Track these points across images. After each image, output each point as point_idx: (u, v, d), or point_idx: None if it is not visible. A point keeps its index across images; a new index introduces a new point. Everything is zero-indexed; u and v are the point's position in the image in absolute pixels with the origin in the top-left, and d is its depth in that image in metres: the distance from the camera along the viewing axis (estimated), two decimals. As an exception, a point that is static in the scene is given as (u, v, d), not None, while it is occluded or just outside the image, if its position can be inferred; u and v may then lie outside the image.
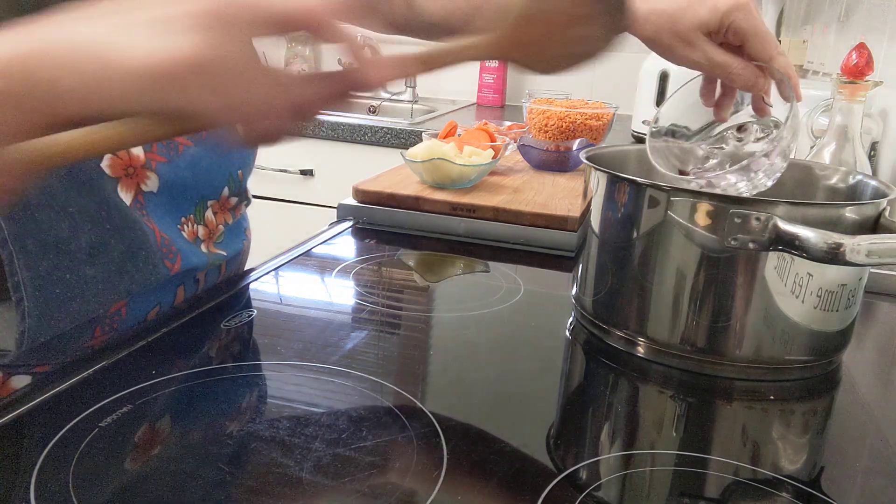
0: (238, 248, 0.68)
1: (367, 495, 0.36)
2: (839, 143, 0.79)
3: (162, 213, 0.57)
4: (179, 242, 0.58)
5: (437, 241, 0.80)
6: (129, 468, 0.37)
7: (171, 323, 0.54)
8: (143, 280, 0.54)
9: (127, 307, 0.55)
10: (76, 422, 0.40)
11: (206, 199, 0.63)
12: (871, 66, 0.78)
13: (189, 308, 0.56)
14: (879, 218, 0.49)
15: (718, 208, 0.47)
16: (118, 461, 0.37)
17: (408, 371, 0.50)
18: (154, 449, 0.39)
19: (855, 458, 0.43)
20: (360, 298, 0.62)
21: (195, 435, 0.41)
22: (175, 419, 0.42)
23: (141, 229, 0.54)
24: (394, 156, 1.54)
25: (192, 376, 0.46)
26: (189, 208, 0.61)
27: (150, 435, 0.40)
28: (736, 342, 0.50)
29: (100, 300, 0.52)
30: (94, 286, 0.51)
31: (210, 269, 0.64)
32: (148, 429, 0.41)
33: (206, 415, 0.43)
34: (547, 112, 1.22)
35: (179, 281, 0.60)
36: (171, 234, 0.58)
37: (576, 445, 0.43)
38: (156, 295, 0.58)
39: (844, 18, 1.44)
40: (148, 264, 0.54)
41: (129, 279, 0.53)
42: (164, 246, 0.56)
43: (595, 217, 0.55)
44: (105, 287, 0.52)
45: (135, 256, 0.53)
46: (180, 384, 0.45)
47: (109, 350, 0.49)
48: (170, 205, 0.58)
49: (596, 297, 0.56)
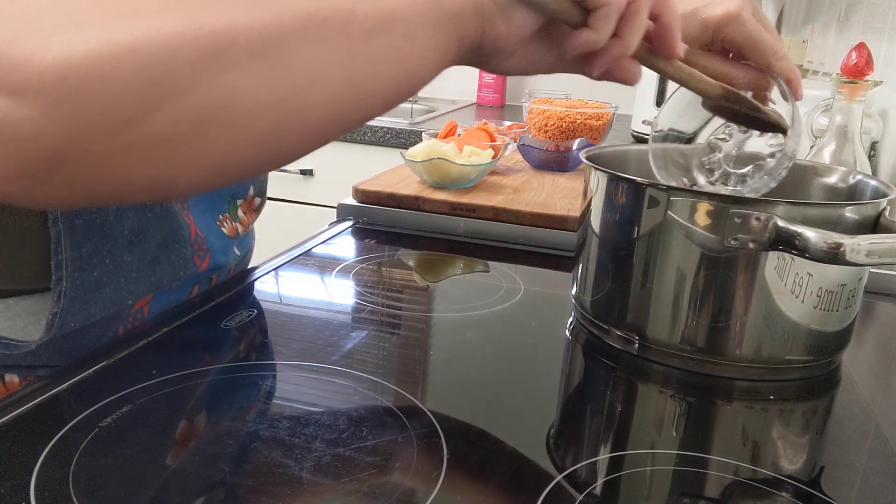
0: (249, 248, 0.69)
1: (367, 495, 0.36)
2: (839, 142, 0.79)
3: (201, 208, 0.58)
4: (212, 240, 0.59)
5: (437, 240, 0.80)
6: (130, 468, 0.37)
7: (172, 322, 0.54)
8: (173, 274, 0.55)
9: (150, 305, 0.56)
10: (76, 421, 0.40)
11: (237, 197, 0.63)
12: (871, 66, 0.78)
13: (189, 308, 0.56)
14: (879, 218, 0.49)
15: (718, 208, 0.47)
16: (118, 461, 0.37)
17: (408, 371, 0.50)
18: (154, 449, 0.39)
19: (855, 457, 0.43)
20: (360, 298, 0.62)
21: (195, 435, 0.41)
22: (175, 419, 0.42)
23: (178, 222, 0.55)
24: (394, 156, 1.54)
25: (192, 376, 0.46)
26: (223, 206, 0.62)
27: (150, 435, 0.40)
28: (736, 342, 0.50)
29: (131, 289, 0.52)
30: (129, 273, 0.52)
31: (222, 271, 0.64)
32: (148, 429, 0.41)
33: (206, 414, 0.43)
34: (547, 112, 1.22)
35: (198, 279, 0.61)
36: (206, 231, 0.59)
37: (576, 445, 0.43)
38: (175, 293, 0.59)
39: (844, 18, 1.44)
40: (180, 258, 0.55)
41: (161, 271, 0.54)
42: (196, 242, 0.57)
43: (595, 217, 0.55)
44: (138, 276, 0.52)
45: (169, 249, 0.54)
46: (180, 384, 0.45)
47: (109, 350, 0.49)
48: (207, 201, 0.59)
49: (596, 296, 0.56)
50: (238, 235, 0.64)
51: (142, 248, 0.52)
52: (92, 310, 0.50)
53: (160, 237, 0.53)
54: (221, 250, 0.60)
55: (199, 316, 0.56)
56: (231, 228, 0.62)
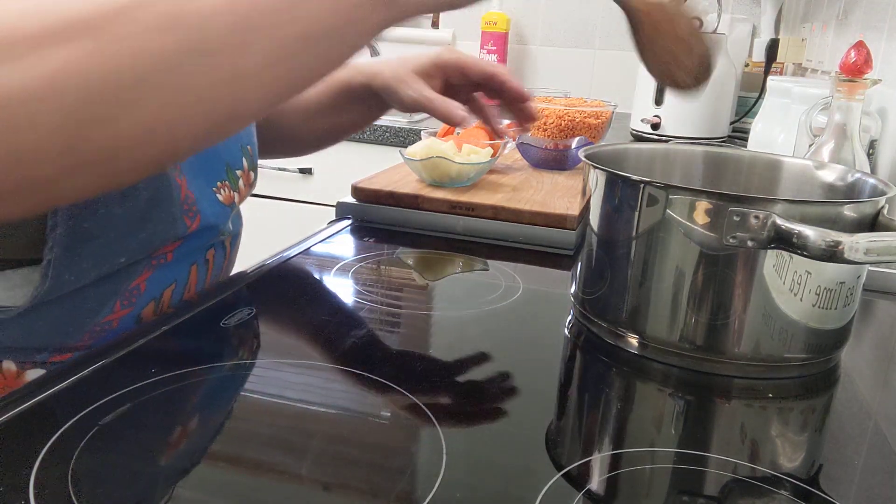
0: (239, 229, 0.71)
1: (366, 494, 0.36)
2: (838, 141, 0.79)
3: (196, 172, 0.60)
4: (203, 203, 0.61)
5: (436, 239, 0.80)
6: (129, 466, 0.37)
7: (171, 321, 0.54)
8: (163, 233, 0.56)
9: (147, 283, 0.57)
10: (76, 420, 0.40)
11: (233, 167, 0.65)
12: (870, 65, 0.79)
13: (188, 306, 0.57)
14: (878, 216, 0.49)
15: (717, 206, 0.47)
16: (117, 459, 0.37)
17: (406, 369, 0.50)
18: (153, 447, 0.39)
19: (853, 455, 0.43)
20: (359, 297, 0.62)
21: (195, 433, 0.41)
22: (174, 418, 0.42)
23: (167, 181, 0.56)
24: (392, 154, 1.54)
25: (191, 375, 0.46)
26: (221, 173, 0.63)
27: (149, 433, 0.40)
28: (735, 340, 0.50)
29: (122, 244, 0.54)
30: (120, 227, 0.53)
31: (217, 245, 0.66)
32: (147, 427, 0.41)
33: (204, 413, 0.43)
34: (546, 110, 1.22)
35: (193, 258, 0.62)
36: (198, 194, 0.60)
37: (574, 443, 0.43)
38: (173, 270, 0.59)
39: (843, 17, 1.44)
40: (169, 216, 0.56)
41: (152, 228, 0.55)
42: (185, 203, 0.58)
43: (594, 215, 0.55)
44: (128, 231, 0.54)
45: (158, 206, 0.55)
46: (179, 382, 0.45)
47: (109, 348, 0.49)
48: (202, 166, 0.61)
49: (595, 295, 0.56)
50: (233, 204, 0.66)
51: (132, 203, 0.53)
52: (84, 263, 0.52)
53: (149, 194, 0.54)
54: (212, 214, 0.62)
55: (198, 314, 0.56)
56: (227, 196, 0.64)
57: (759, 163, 0.64)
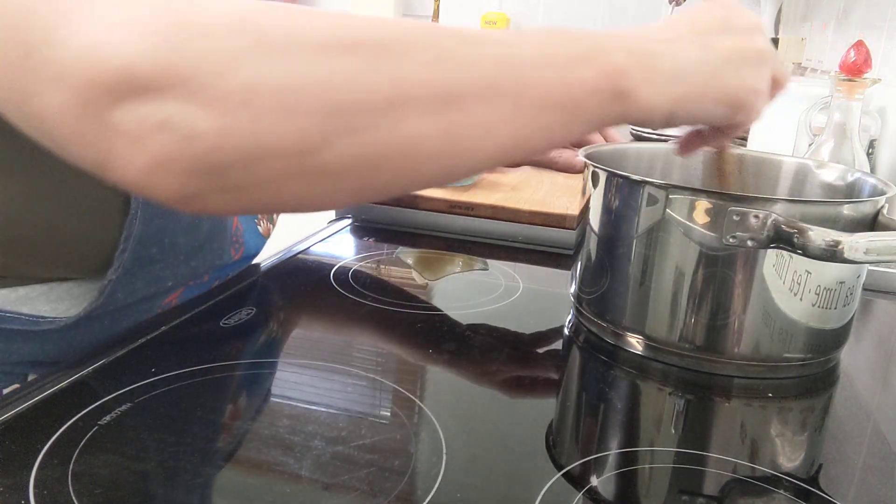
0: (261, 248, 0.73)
1: (366, 494, 0.36)
2: (837, 140, 0.79)
3: None
4: (248, 235, 0.62)
5: (435, 238, 0.80)
6: (129, 466, 0.37)
7: (171, 321, 0.54)
8: (211, 262, 0.58)
9: (177, 298, 0.58)
10: (76, 419, 0.40)
11: None
12: (870, 64, 0.79)
13: (188, 306, 0.56)
14: (878, 215, 0.49)
15: (717, 206, 0.47)
16: (118, 459, 0.37)
17: (406, 369, 0.50)
18: (153, 447, 0.39)
19: (853, 454, 0.43)
20: (359, 296, 0.62)
21: (194, 433, 0.41)
22: (174, 417, 0.42)
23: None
24: (392, 154, 1.53)
25: (191, 374, 0.46)
26: None
27: (149, 433, 0.40)
28: (734, 340, 0.50)
29: (174, 271, 0.55)
30: (178, 255, 0.54)
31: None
32: (147, 427, 0.41)
33: (205, 413, 0.43)
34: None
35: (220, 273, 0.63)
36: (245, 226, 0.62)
37: (574, 443, 0.43)
38: (201, 289, 0.61)
39: (843, 16, 1.44)
40: (220, 248, 0.58)
41: (202, 257, 0.57)
42: (235, 234, 0.60)
43: (593, 215, 0.55)
44: (185, 259, 0.55)
45: (213, 238, 0.57)
46: (180, 382, 0.45)
47: (109, 348, 0.49)
48: None
49: (594, 294, 0.56)
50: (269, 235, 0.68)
51: (194, 233, 0.55)
52: (138, 284, 0.53)
53: (210, 225, 0.56)
54: (254, 245, 0.64)
55: (198, 314, 0.56)
56: (266, 229, 0.66)
57: (759, 162, 0.64)
